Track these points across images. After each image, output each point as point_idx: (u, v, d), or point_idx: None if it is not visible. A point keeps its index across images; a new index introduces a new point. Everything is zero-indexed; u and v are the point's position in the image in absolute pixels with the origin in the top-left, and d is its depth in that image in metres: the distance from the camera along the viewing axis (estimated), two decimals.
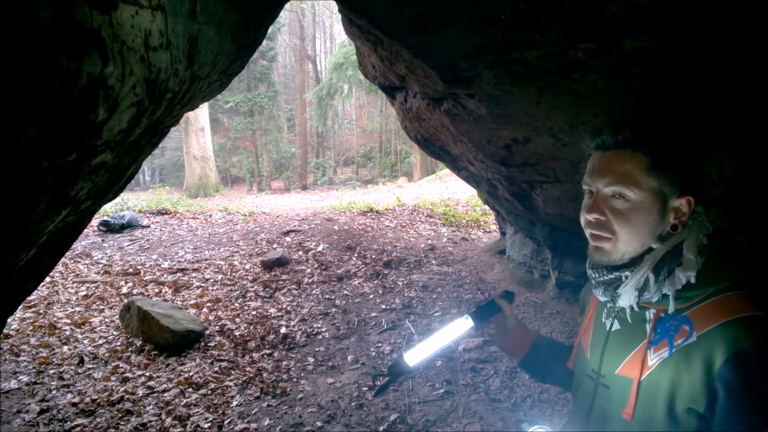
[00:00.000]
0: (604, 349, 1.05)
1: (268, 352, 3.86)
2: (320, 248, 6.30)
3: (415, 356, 1.26)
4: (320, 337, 4.15)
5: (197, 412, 3.05)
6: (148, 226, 7.73)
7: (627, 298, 0.98)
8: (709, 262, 0.92)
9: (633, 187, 0.92)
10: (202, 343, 3.91)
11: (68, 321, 4.17)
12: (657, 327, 0.94)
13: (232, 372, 3.53)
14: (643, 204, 0.93)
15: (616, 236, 0.96)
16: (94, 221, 7.22)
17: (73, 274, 5.30)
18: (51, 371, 3.41)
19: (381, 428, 2.90)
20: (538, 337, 1.37)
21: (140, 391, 3.23)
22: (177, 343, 3.80)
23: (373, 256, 6.07)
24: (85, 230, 6.83)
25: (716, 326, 0.85)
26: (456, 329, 1.29)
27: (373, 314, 4.56)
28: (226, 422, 2.97)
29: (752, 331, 0.82)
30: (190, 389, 3.29)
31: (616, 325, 1.04)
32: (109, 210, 8.02)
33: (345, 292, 5.10)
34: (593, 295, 1.14)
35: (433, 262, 6.07)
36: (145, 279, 5.31)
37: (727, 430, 0.81)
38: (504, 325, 1.36)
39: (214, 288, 5.16)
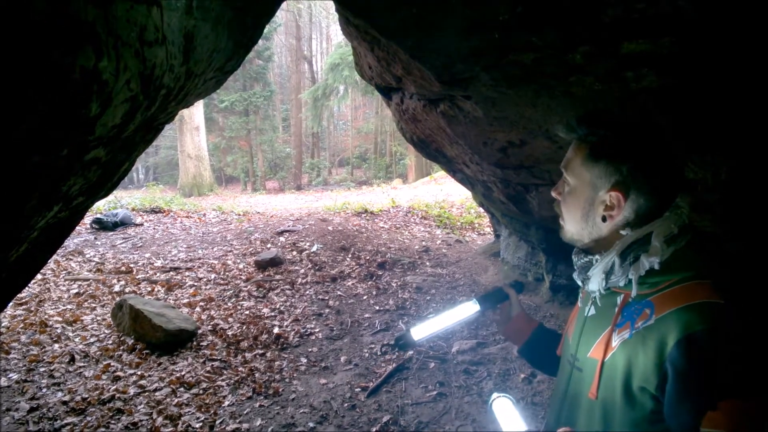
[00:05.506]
0: (581, 334, 1.08)
1: (260, 352, 3.85)
2: (314, 249, 6.29)
3: (421, 331, 1.32)
4: (313, 337, 4.14)
5: (189, 411, 3.03)
6: (142, 225, 7.69)
7: (596, 281, 1.02)
8: (678, 251, 0.94)
9: (571, 173, 1.02)
10: (195, 343, 3.89)
11: (59, 319, 4.14)
12: (624, 311, 0.97)
13: (225, 372, 3.51)
14: (575, 190, 1.02)
15: (562, 216, 1.08)
16: (87, 219, 7.18)
17: (65, 272, 5.26)
18: (41, 369, 3.38)
19: (373, 429, 2.89)
20: (539, 326, 1.41)
21: (131, 390, 3.20)
22: (169, 342, 3.77)
23: (367, 257, 6.06)
24: (78, 228, 6.79)
25: (674, 310, 0.87)
26: (462, 311, 1.35)
27: (366, 315, 4.55)
28: (217, 422, 2.95)
29: (706, 317, 0.84)
30: (182, 389, 3.26)
31: (592, 311, 1.07)
32: (102, 207, 7.97)
33: (338, 292, 5.09)
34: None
35: (427, 263, 6.07)
36: (137, 277, 5.27)
37: (673, 410, 0.84)
38: (508, 312, 1.41)
39: (207, 287, 5.13)
